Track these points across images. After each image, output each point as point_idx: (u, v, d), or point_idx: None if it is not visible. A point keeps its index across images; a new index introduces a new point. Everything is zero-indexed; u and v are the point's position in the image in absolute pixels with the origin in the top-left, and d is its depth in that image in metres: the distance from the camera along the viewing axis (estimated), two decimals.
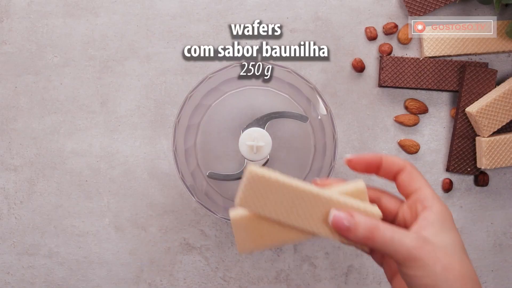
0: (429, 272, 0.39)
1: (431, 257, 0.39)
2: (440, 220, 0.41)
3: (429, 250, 0.39)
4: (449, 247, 0.40)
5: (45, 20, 0.67)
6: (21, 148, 0.67)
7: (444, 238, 0.41)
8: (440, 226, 0.41)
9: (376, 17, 0.66)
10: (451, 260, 0.40)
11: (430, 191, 0.43)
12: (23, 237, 0.67)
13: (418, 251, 0.39)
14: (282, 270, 0.67)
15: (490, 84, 0.64)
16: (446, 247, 0.40)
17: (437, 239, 0.40)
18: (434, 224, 0.41)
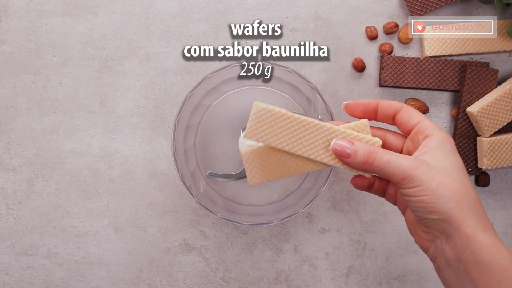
0: (424, 188, 0.41)
1: (426, 175, 0.41)
2: (439, 146, 0.43)
3: (425, 169, 0.41)
4: (447, 168, 0.42)
5: (44, 20, 0.66)
6: (20, 148, 0.67)
7: (443, 160, 0.42)
8: (440, 151, 0.43)
9: (377, 17, 0.66)
10: (447, 178, 0.41)
11: (430, 122, 0.45)
12: (22, 237, 0.67)
13: (413, 170, 0.41)
14: (282, 270, 0.67)
15: (491, 84, 0.64)
16: (443, 168, 0.42)
17: (435, 161, 0.42)
18: (434, 148, 0.43)
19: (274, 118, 0.44)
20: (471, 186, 0.42)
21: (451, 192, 0.41)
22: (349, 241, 0.67)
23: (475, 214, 0.41)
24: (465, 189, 0.41)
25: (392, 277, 0.67)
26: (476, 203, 0.42)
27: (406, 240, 0.66)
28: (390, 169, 0.42)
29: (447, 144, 0.44)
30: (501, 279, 0.39)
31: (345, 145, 0.44)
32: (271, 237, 0.67)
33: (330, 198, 0.66)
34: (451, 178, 0.41)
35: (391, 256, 0.67)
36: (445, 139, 0.44)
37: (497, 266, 0.40)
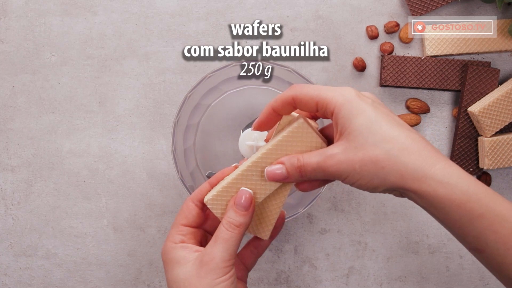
0: (351, 175, 0.40)
1: (346, 164, 0.40)
2: (345, 116, 0.40)
3: (341, 159, 0.40)
4: (359, 138, 0.40)
5: (43, 19, 0.66)
6: (19, 148, 0.66)
7: (354, 130, 0.40)
8: (348, 121, 0.40)
9: (378, 16, 0.66)
10: (365, 150, 0.40)
11: (325, 94, 0.42)
12: (21, 238, 0.67)
13: (334, 167, 0.41)
14: (283, 271, 0.67)
15: (493, 83, 0.64)
16: (356, 139, 0.40)
17: (348, 138, 0.40)
18: (342, 122, 0.41)
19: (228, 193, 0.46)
20: (391, 133, 0.40)
21: (374, 164, 0.39)
22: (349, 242, 0.66)
23: (408, 165, 0.39)
24: (384, 147, 0.39)
25: (393, 277, 0.66)
26: (404, 149, 0.39)
27: (407, 241, 0.66)
28: (319, 174, 0.42)
29: (351, 105, 0.40)
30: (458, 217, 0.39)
31: (275, 169, 0.44)
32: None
33: (330, 198, 0.66)
34: (369, 145, 0.39)
35: (392, 256, 0.66)
36: (347, 102, 0.41)
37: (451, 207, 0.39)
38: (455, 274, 0.66)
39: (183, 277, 0.43)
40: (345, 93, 0.41)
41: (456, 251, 0.66)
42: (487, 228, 0.38)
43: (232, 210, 0.45)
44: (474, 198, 0.38)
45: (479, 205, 0.38)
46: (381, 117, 0.40)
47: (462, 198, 0.38)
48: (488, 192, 0.39)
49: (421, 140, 0.40)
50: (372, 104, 0.41)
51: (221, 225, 0.44)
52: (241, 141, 0.56)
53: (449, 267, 0.66)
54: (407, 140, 0.40)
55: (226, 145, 0.61)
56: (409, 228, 0.66)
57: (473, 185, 0.39)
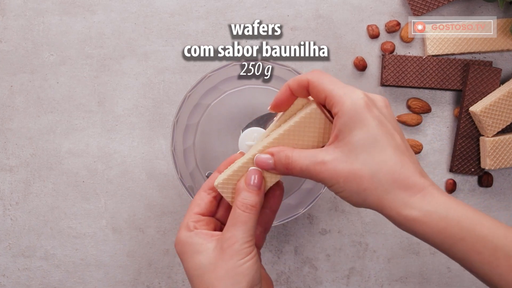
0: (336, 187, 0.41)
1: (332, 173, 0.40)
2: (346, 123, 0.40)
3: (329, 167, 0.40)
4: (354, 151, 0.40)
5: (41, 18, 0.66)
6: (17, 148, 0.66)
7: (350, 141, 0.40)
8: (347, 129, 0.40)
9: (378, 15, 0.65)
10: (352, 166, 0.40)
11: (335, 91, 0.41)
12: (19, 238, 0.66)
13: (320, 174, 0.41)
14: (283, 272, 0.66)
15: (494, 83, 0.64)
16: (350, 152, 0.40)
17: (342, 147, 0.40)
18: (341, 129, 0.40)
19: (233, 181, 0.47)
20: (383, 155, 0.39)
21: (357, 183, 0.40)
22: (350, 242, 0.66)
23: (390, 193, 0.39)
24: (372, 168, 0.39)
25: (394, 278, 0.66)
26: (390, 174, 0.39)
27: (408, 242, 0.66)
28: (305, 176, 0.42)
29: (356, 114, 0.40)
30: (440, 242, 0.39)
31: (264, 158, 0.44)
32: (271, 238, 0.66)
33: (331, 199, 0.66)
34: (359, 163, 0.40)
35: (392, 257, 0.66)
36: (352, 109, 0.40)
37: (431, 234, 0.39)
38: (456, 275, 0.66)
39: (206, 262, 0.43)
40: (355, 98, 0.40)
41: None
42: (470, 250, 0.39)
43: (245, 191, 0.44)
44: (453, 223, 0.39)
45: (459, 229, 0.39)
46: (382, 135, 0.40)
47: (440, 224, 0.39)
48: (468, 215, 0.39)
49: (410, 166, 0.40)
50: (378, 117, 0.40)
51: (235, 208, 0.44)
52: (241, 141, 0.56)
53: (451, 268, 0.66)
54: (396, 165, 0.40)
55: (226, 145, 0.61)
56: None
57: (452, 210, 0.39)
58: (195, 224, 0.45)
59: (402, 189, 0.39)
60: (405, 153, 0.41)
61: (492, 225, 0.39)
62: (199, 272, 0.43)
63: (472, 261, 0.39)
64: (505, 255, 0.38)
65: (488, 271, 0.39)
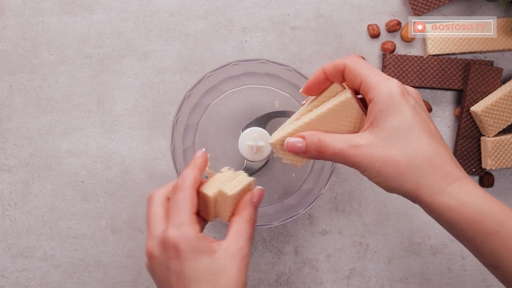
0: (370, 171, 0.41)
1: (368, 158, 0.40)
2: (382, 110, 0.40)
3: (365, 151, 0.40)
4: (391, 136, 0.40)
5: (40, 17, 0.65)
6: (16, 148, 0.66)
7: (387, 127, 0.40)
8: (383, 116, 0.40)
9: (379, 14, 0.65)
10: (391, 150, 0.40)
11: (372, 78, 0.41)
12: (18, 239, 0.66)
13: (354, 158, 0.41)
14: (283, 273, 0.66)
15: (496, 82, 0.63)
16: (387, 137, 0.40)
17: (378, 132, 0.40)
18: (377, 116, 0.41)
19: None
20: (419, 142, 0.40)
21: (395, 168, 0.40)
22: (350, 243, 0.66)
23: (427, 178, 0.39)
24: (409, 155, 0.40)
25: (395, 279, 0.66)
26: (427, 161, 0.40)
27: (409, 242, 0.66)
28: (338, 160, 0.42)
29: (392, 102, 0.40)
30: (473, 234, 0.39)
31: (296, 142, 0.44)
32: (271, 238, 0.66)
33: (331, 199, 0.66)
34: (396, 148, 0.40)
35: (393, 258, 0.66)
36: (388, 97, 0.40)
37: (465, 224, 0.39)
38: (457, 276, 0.66)
39: (220, 269, 0.42)
40: (391, 86, 0.41)
41: (458, 252, 0.66)
42: (501, 246, 0.39)
43: (253, 208, 0.46)
44: (489, 216, 0.39)
45: (493, 223, 0.39)
46: (417, 122, 0.40)
47: (476, 216, 0.39)
48: (503, 210, 0.39)
49: (446, 155, 0.40)
50: (414, 106, 0.41)
51: (245, 222, 0.44)
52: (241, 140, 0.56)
53: (452, 269, 0.66)
54: (433, 153, 0.40)
55: (226, 145, 0.61)
56: (411, 229, 0.66)
57: (488, 203, 0.39)
58: (199, 226, 0.45)
59: (440, 176, 0.39)
60: (440, 142, 0.41)
61: None
62: (210, 277, 0.42)
63: (502, 257, 0.39)
64: None
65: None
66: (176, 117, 0.58)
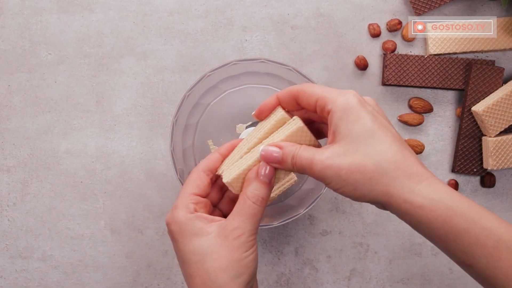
0: (339, 181, 0.40)
1: (332, 168, 0.40)
2: (341, 118, 0.40)
3: (329, 161, 0.40)
4: (352, 144, 0.40)
5: (39, 17, 0.65)
6: (14, 148, 0.65)
7: (347, 135, 0.40)
8: (343, 124, 0.40)
9: (380, 14, 0.65)
10: (353, 158, 0.40)
11: (327, 93, 0.42)
12: (16, 240, 0.66)
13: (320, 169, 0.41)
14: (283, 273, 0.66)
15: (497, 82, 0.63)
16: (349, 145, 0.40)
17: (339, 141, 0.40)
18: (337, 125, 0.41)
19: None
20: (383, 145, 0.40)
21: (361, 173, 0.40)
22: (351, 244, 0.65)
23: (395, 179, 0.39)
24: (374, 158, 0.39)
25: (396, 280, 0.65)
26: (393, 163, 0.39)
27: (410, 243, 0.65)
28: (307, 173, 0.42)
29: (351, 109, 0.40)
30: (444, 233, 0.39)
31: (272, 151, 0.44)
32: (271, 239, 0.66)
33: (332, 199, 0.65)
34: (360, 153, 0.40)
35: (394, 258, 0.65)
36: (346, 104, 0.40)
37: (437, 223, 0.39)
38: (458, 277, 0.65)
39: (208, 249, 0.42)
40: (347, 96, 0.41)
41: None
42: (473, 243, 0.39)
43: (257, 182, 0.44)
44: (459, 213, 0.39)
45: (464, 220, 0.39)
46: (378, 127, 0.40)
47: (447, 214, 0.39)
48: (473, 207, 0.39)
49: (411, 156, 0.41)
50: (372, 112, 0.41)
51: (246, 199, 0.43)
52: None
53: (453, 269, 0.65)
54: (397, 155, 0.40)
55: None
56: (411, 229, 0.65)
57: (457, 201, 0.39)
58: (195, 206, 0.45)
59: (407, 177, 0.39)
60: (403, 143, 0.41)
61: (495, 219, 0.39)
62: (198, 258, 0.42)
63: (474, 254, 0.39)
64: (507, 248, 0.38)
65: (491, 264, 0.39)
66: (175, 117, 0.58)
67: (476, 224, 0.39)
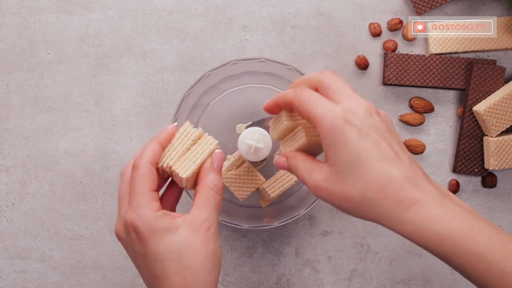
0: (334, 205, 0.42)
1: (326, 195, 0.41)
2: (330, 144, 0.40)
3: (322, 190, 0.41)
4: (340, 172, 0.40)
5: (38, 16, 0.65)
6: (13, 148, 0.65)
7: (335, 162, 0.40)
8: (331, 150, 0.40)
9: (380, 13, 0.65)
10: (342, 188, 0.40)
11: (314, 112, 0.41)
12: (15, 240, 0.65)
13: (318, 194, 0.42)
14: (283, 274, 0.65)
15: (498, 82, 0.63)
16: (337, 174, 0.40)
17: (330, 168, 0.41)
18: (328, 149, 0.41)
19: None
20: (369, 173, 0.39)
21: (351, 203, 0.40)
22: (351, 244, 0.65)
23: (383, 208, 0.39)
24: (361, 189, 0.39)
25: (396, 281, 0.65)
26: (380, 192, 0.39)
27: (410, 243, 0.65)
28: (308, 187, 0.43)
29: (335, 134, 0.39)
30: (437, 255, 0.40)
31: (281, 160, 0.45)
32: (271, 240, 0.65)
33: None
34: (348, 183, 0.40)
35: (395, 259, 0.65)
36: (331, 130, 0.40)
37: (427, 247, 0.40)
38: (459, 277, 0.65)
39: (183, 245, 0.42)
40: (332, 117, 0.40)
41: None
42: (465, 263, 0.39)
43: (214, 172, 0.45)
44: (447, 239, 0.39)
45: (453, 245, 0.39)
46: (364, 151, 0.39)
47: (435, 240, 0.39)
48: (463, 230, 0.39)
49: (399, 178, 0.39)
50: (359, 130, 0.39)
51: (208, 190, 0.44)
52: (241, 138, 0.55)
53: (454, 270, 0.65)
54: (384, 182, 0.39)
55: (226, 144, 0.60)
56: None
57: (447, 225, 0.39)
58: (157, 203, 0.44)
59: (395, 205, 0.39)
60: (394, 161, 0.40)
61: (487, 239, 0.39)
62: (174, 255, 0.42)
63: (468, 273, 0.40)
64: (500, 270, 0.38)
65: (484, 283, 0.39)
66: (175, 116, 0.58)
67: (465, 249, 0.39)
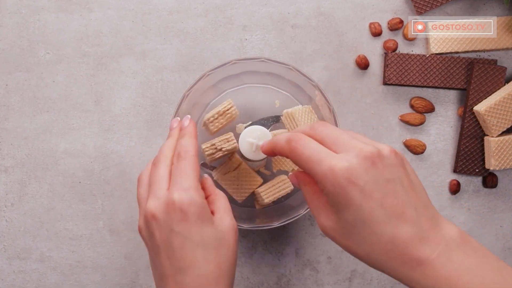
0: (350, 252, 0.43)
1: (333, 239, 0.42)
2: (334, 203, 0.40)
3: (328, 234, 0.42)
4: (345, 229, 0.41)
5: (37, 16, 0.65)
6: (12, 148, 0.65)
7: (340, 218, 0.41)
8: (335, 208, 0.40)
9: (381, 12, 0.64)
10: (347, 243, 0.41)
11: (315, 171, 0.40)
12: (14, 240, 0.65)
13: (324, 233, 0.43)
14: (283, 275, 0.65)
15: (499, 81, 0.63)
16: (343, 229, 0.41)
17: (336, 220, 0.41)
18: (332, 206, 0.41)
19: None
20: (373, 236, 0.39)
21: (357, 256, 0.41)
22: None
23: (388, 267, 0.40)
24: (365, 250, 0.40)
25: (396, 281, 0.65)
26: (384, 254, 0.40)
27: None
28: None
29: (338, 195, 0.39)
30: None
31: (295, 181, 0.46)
32: (271, 240, 0.65)
33: None
34: (353, 241, 0.41)
35: None
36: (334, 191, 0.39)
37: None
38: None
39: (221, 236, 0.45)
40: (334, 177, 0.39)
41: None
42: None
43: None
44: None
45: None
46: (368, 213, 0.39)
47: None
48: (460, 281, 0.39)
49: (404, 237, 0.39)
50: (362, 192, 0.39)
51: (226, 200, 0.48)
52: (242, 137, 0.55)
53: None
54: (388, 245, 0.39)
55: None
56: None
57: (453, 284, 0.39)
58: (203, 192, 0.46)
59: (400, 266, 0.40)
60: (398, 219, 0.39)
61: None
62: (216, 244, 0.44)
63: None
64: None
65: None
66: (175, 116, 0.57)
67: None
